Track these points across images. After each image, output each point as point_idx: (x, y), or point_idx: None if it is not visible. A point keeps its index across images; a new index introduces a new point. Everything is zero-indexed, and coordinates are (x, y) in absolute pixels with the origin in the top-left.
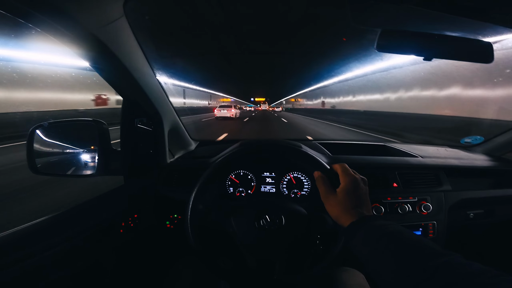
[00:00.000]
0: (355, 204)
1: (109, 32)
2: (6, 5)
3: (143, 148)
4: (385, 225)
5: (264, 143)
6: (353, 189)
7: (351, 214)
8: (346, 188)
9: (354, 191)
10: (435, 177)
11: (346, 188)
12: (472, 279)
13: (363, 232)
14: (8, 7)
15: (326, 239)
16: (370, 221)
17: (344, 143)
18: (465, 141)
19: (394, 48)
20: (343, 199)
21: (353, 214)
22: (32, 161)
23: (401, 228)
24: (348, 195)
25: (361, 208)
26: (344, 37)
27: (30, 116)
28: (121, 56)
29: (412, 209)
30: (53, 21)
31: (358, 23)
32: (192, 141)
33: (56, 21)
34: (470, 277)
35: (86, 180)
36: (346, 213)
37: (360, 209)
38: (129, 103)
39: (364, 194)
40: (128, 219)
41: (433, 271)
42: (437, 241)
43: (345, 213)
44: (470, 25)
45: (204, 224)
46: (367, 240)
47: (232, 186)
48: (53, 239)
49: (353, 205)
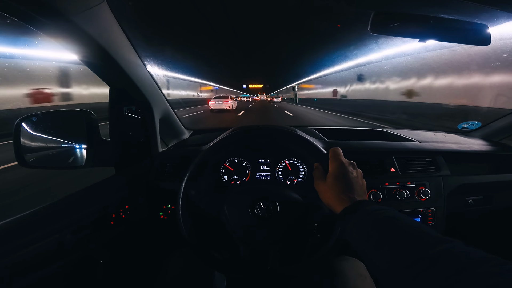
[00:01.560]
0: (344, 189)
1: (89, 18)
2: None
3: (133, 137)
4: (379, 211)
5: (257, 127)
6: (341, 174)
7: (342, 200)
8: (333, 173)
9: (343, 176)
10: (433, 161)
11: (333, 173)
12: (476, 268)
13: (356, 218)
14: None
15: (324, 228)
16: (363, 207)
17: (340, 128)
18: (463, 127)
19: (388, 30)
20: (332, 184)
21: (344, 199)
22: (20, 154)
23: (396, 213)
24: (336, 180)
25: (351, 193)
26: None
27: None
28: (103, 43)
29: (410, 195)
30: (27, 8)
31: (352, 5)
32: (185, 130)
33: (30, 8)
34: (474, 266)
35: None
36: (336, 198)
37: (351, 194)
38: (116, 92)
39: (354, 178)
40: (119, 210)
41: (434, 260)
42: (436, 228)
43: (336, 199)
44: (466, 7)
45: (197, 213)
46: (360, 227)
47: (226, 174)
48: (40, 232)
49: (342, 190)
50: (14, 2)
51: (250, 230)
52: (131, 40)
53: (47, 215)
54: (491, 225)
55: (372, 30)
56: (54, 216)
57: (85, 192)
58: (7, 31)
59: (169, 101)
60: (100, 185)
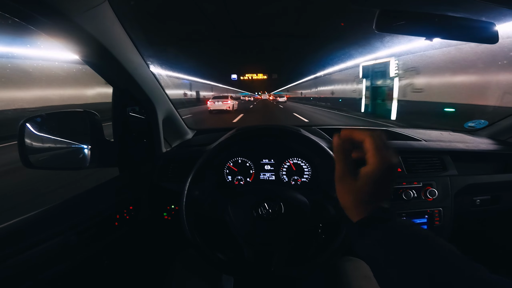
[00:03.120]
0: (379, 197)
1: (91, 18)
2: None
3: (137, 137)
4: (410, 227)
5: (260, 127)
6: (384, 176)
7: (367, 209)
8: (374, 172)
9: (384, 179)
10: (440, 161)
11: (374, 172)
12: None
13: (381, 232)
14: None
15: (329, 229)
16: (391, 219)
17: (344, 128)
18: (469, 125)
19: (394, 28)
20: (365, 186)
21: (369, 208)
22: (24, 155)
23: (428, 232)
24: (374, 183)
25: (382, 202)
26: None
27: (23, 113)
28: (106, 43)
29: (417, 195)
30: (28, 8)
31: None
32: (189, 130)
33: (32, 8)
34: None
35: None
36: (361, 205)
37: (381, 203)
38: (119, 92)
39: (393, 184)
40: (123, 211)
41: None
42: (443, 229)
43: (361, 205)
44: (473, 5)
45: (201, 213)
46: (387, 242)
47: (230, 174)
48: (45, 233)
49: (376, 198)
50: (17, 3)
51: (254, 231)
52: (133, 39)
53: (52, 216)
54: (499, 225)
55: (377, 28)
56: (59, 217)
57: (89, 193)
58: (10, 32)
59: (172, 101)
60: (104, 186)
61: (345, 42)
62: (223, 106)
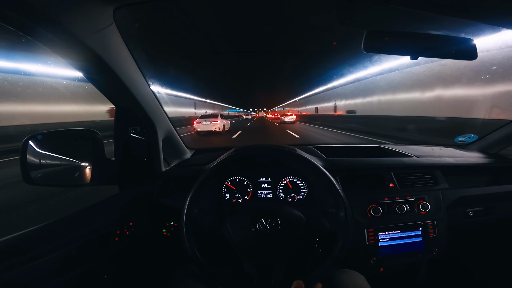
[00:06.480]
0: None
1: (99, 40)
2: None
3: (137, 157)
4: None
5: (257, 147)
6: None
7: None
8: None
9: None
10: (431, 176)
11: None
12: None
13: None
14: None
15: (325, 243)
16: None
17: (338, 146)
18: (459, 140)
19: (381, 48)
20: None
21: None
22: (26, 172)
23: None
24: None
25: None
26: None
27: (24, 129)
28: (111, 64)
29: (410, 208)
30: (43, 28)
31: (345, 25)
32: (187, 150)
33: (46, 28)
34: None
35: None
36: None
37: None
38: (122, 112)
39: None
40: (123, 227)
41: None
42: (438, 240)
43: None
44: (452, 23)
45: (200, 230)
46: None
47: (228, 192)
48: (46, 246)
49: None
50: (35, 24)
51: (253, 246)
52: (137, 60)
53: (53, 230)
54: (494, 235)
55: (365, 49)
56: (60, 231)
57: (90, 209)
58: (22, 50)
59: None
60: (104, 203)
61: None
62: (212, 127)
